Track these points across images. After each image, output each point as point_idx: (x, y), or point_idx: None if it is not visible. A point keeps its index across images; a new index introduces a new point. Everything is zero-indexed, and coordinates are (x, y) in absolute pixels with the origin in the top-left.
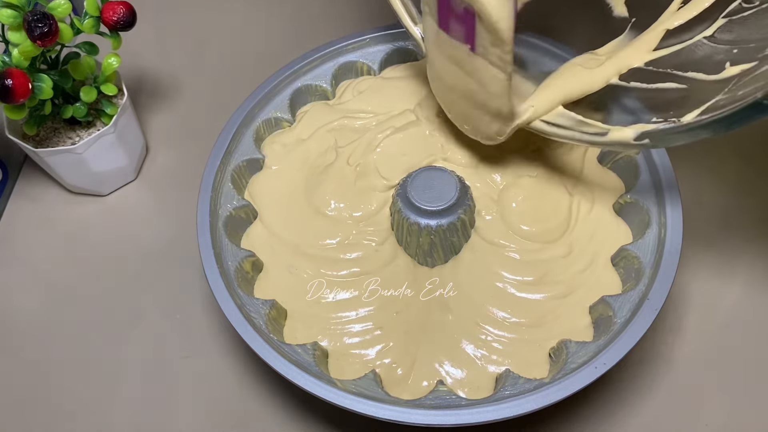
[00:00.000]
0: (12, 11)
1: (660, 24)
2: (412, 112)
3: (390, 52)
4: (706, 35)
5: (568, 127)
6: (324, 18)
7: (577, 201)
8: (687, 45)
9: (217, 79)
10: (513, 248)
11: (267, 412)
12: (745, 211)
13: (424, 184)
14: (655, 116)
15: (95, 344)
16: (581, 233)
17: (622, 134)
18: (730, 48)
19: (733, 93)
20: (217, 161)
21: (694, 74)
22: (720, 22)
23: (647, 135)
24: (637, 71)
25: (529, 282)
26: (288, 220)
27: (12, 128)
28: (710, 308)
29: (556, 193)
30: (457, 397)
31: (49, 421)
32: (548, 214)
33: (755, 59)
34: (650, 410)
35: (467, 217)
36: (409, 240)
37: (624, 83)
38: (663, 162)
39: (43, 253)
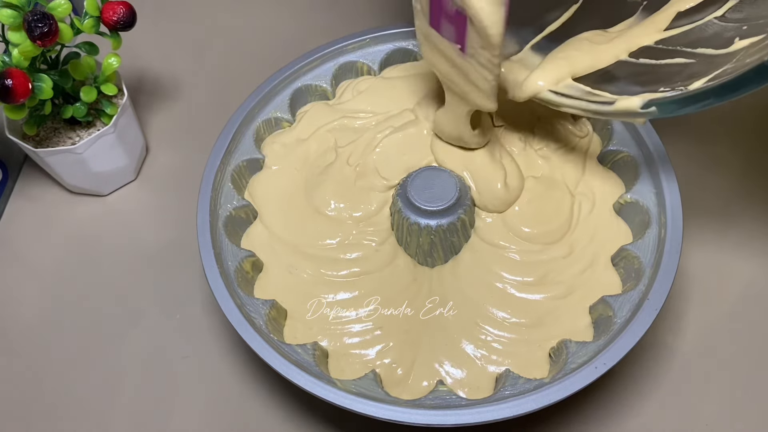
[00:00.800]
0: (12, 11)
1: (671, 6)
2: (411, 112)
3: (390, 52)
4: (716, 15)
5: (575, 97)
6: (324, 18)
7: (579, 201)
8: (697, 25)
9: (217, 79)
10: (513, 249)
11: (267, 412)
12: (746, 211)
13: (424, 184)
14: (663, 86)
15: (95, 344)
16: (582, 234)
17: (629, 103)
18: (739, 26)
19: (741, 61)
20: (217, 161)
21: (703, 50)
22: (731, 3)
23: (654, 103)
24: (646, 48)
25: (529, 282)
26: (288, 220)
27: (12, 128)
28: (710, 308)
29: (559, 194)
30: (457, 397)
31: (49, 421)
32: (550, 216)
33: (764, 32)
34: (650, 410)
35: (467, 217)
36: (409, 240)
37: (632, 60)
38: (663, 162)
39: (43, 253)
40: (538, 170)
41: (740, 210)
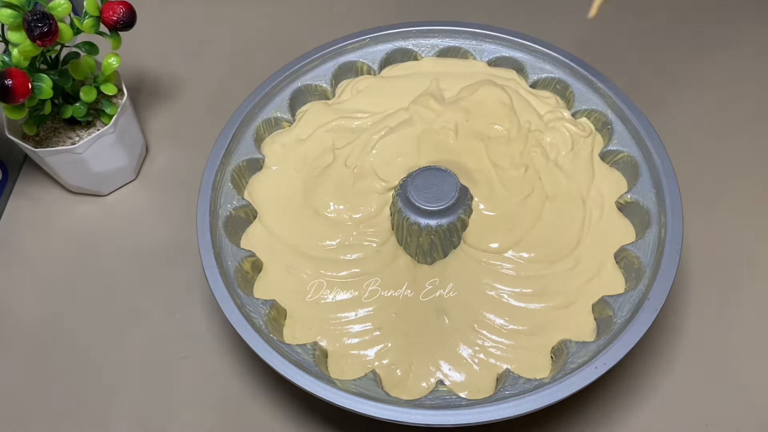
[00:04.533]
0: (12, 11)
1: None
2: (406, 111)
3: (390, 51)
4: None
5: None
6: (324, 18)
7: (590, 209)
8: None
9: (217, 79)
10: (511, 267)
11: (267, 412)
12: (746, 211)
13: (424, 184)
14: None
15: (95, 344)
16: (591, 242)
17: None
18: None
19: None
20: (217, 161)
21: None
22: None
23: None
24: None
25: (528, 294)
26: (287, 220)
27: (12, 128)
28: (710, 308)
29: (572, 208)
30: (457, 397)
31: (49, 421)
32: (560, 236)
33: None
34: (650, 410)
35: (467, 217)
36: (409, 240)
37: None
38: (663, 162)
39: (43, 253)
40: (557, 184)
41: (741, 210)
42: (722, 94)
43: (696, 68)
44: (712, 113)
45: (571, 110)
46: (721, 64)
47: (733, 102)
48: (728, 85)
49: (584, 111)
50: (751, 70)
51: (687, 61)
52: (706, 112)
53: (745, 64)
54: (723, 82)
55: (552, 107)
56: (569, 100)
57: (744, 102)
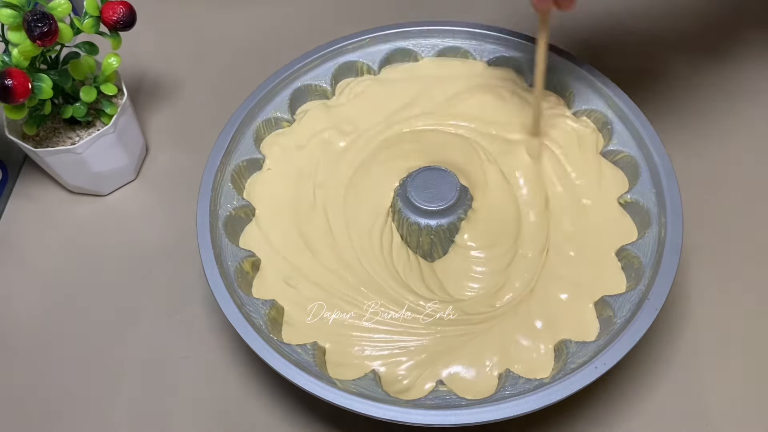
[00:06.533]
0: (12, 11)
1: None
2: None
3: (390, 52)
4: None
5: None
6: (324, 18)
7: (592, 206)
8: None
9: (217, 79)
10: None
11: (267, 411)
12: (747, 211)
13: (424, 184)
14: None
15: (95, 344)
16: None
17: None
18: None
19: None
20: (217, 161)
21: None
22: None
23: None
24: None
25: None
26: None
27: (12, 128)
28: (710, 308)
29: (573, 206)
30: (457, 397)
31: (49, 421)
32: (560, 235)
33: None
34: (650, 410)
35: (467, 216)
36: (410, 239)
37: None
38: (663, 162)
39: (43, 253)
40: (561, 181)
41: (741, 210)
42: (722, 94)
43: (696, 68)
44: (712, 113)
45: (571, 110)
46: (722, 64)
47: (733, 102)
48: (728, 85)
49: (584, 111)
50: (751, 69)
51: (687, 62)
52: (706, 112)
53: (745, 64)
54: (723, 81)
55: (552, 105)
56: (569, 100)
57: (744, 102)
